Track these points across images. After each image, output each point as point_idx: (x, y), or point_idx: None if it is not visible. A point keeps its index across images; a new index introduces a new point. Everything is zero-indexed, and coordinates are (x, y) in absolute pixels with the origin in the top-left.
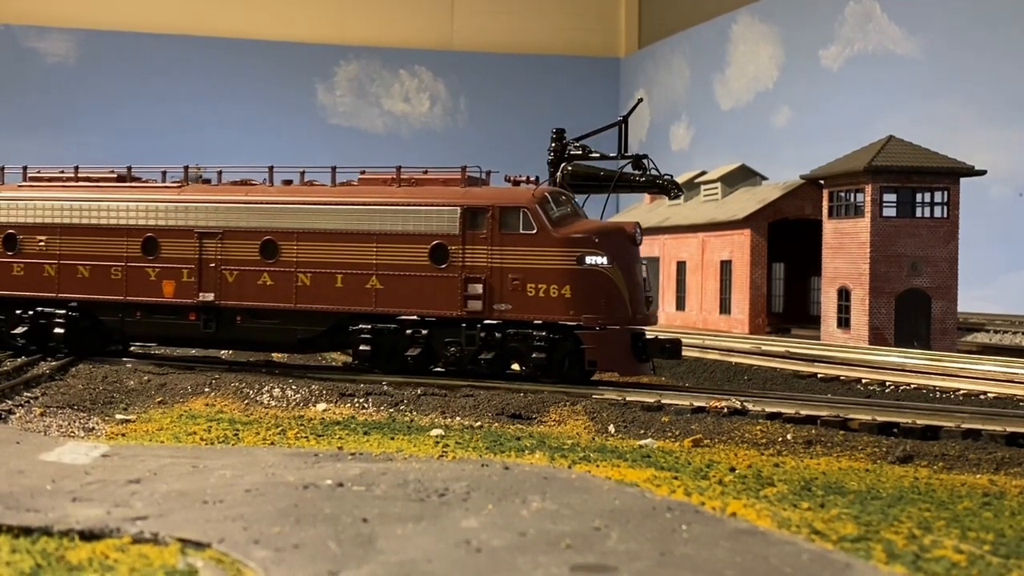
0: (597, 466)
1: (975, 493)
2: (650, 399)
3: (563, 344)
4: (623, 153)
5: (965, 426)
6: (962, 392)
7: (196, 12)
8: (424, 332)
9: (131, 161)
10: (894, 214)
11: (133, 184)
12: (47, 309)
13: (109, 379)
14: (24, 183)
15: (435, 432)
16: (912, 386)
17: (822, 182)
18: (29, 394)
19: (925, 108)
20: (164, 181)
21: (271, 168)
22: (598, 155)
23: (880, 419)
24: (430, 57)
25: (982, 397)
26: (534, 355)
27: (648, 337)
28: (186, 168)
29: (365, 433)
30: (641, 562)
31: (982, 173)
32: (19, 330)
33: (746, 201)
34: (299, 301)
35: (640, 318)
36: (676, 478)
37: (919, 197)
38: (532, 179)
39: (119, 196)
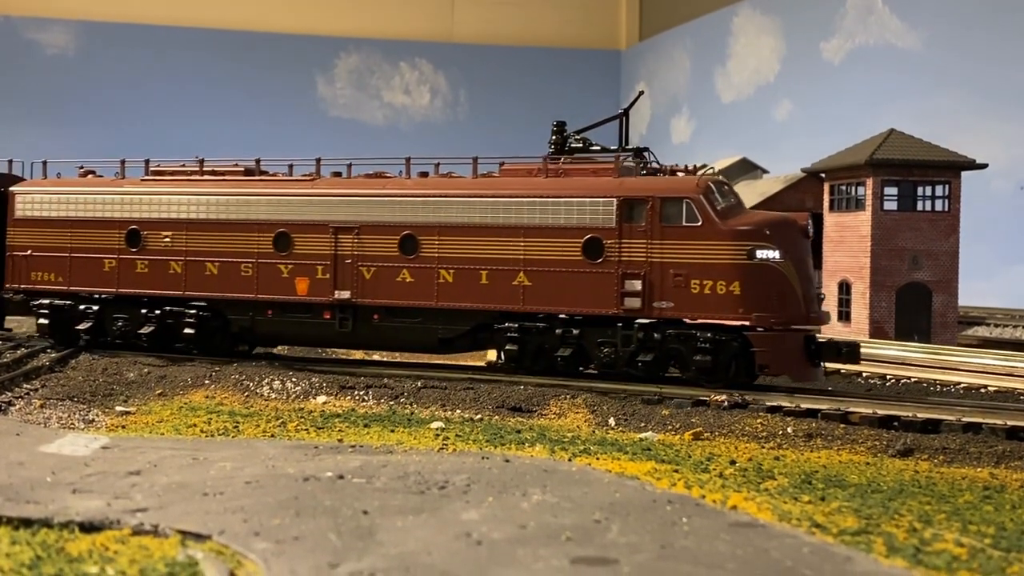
0: (597, 459)
1: (976, 486)
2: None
3: (729, 346)
4: (624, 146)
5: (966, 420)
6: (963, 386)
7: (196, 4)
8: (575, 332)
9: (130, 153)
10: (895, 207)
11: (262, 177)
12: (174, 308)
13: (109, 371)
14: (147, 177)
15: (435, 425)
16: (912, 380)
17: (823, 175)
18: (29, 386)
19: (926, 101)
20: (291, 174)
21: (408, 159)
22: (599, 148)
23: (881, 412)
24: (430, 49)
25: (983, 391)
26: (697, 357)
27: (821, 339)
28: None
29: (365, 426)
30: (642, 555)
31: (983, 167)
32: (145, 330)
33: (747, 194)
34: (441, 299)
35: (813, 317)
36: (677, 471)
37: (920, 191)
38: (692, 168)
39: (249, 190)
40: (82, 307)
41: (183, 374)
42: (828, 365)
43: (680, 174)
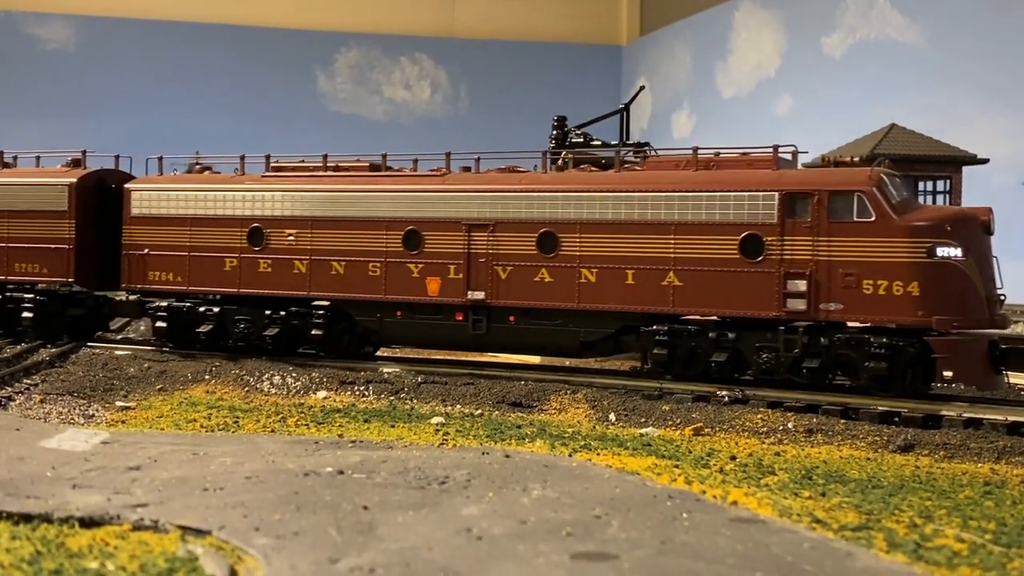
0: (598, 454)
1: (976, 482)
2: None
3: (906, 352)
4: (625, 141)
5: (966, 415)
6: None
7: None
8: (731, 335)
9: (130, 149)
10: None
11: (389, 173)
12: (300, 309)
13: (109, 366)
14: (268, 173)
15: (436, 420)
16: None
17: None
18: (29, 381)
19: (927, 96)
20: (416, 169)
21: (545, 153)
22: (600, 143)
23: (881, 408)
24: (431, 44)
25: None
26: (871, 364)
27: (1004, 344)
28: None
29: (365, 421)
30: (642, 550)
31: (984, 162)
32: (270, 332)
33: None
34: (583, 300)
35: (997, 320)
36: (677, 466)
37: (921, 185)
38: (858, 159)
39: (376, 186)
40: (202, 309)
41: (183, 369)
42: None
43: (844, 166)
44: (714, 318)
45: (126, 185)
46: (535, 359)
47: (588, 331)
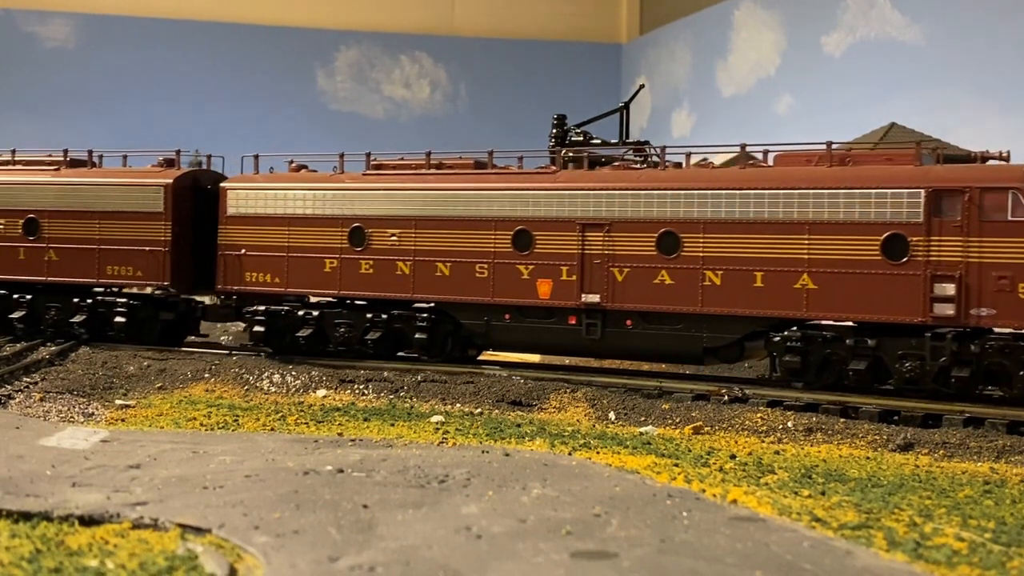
0: (598, 453)
1: (976, 481)
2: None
3: None
4: (625, 139)
5: (967, 414)
6: None
7: None
8: (870, 342)
9: (129, 146)
10: None
11: (496, 170)
12: (403, 312)
13: (108, 364)
14: (369, 172)
15: (435, 419)
16: None
17: None
18: (29, 379)
19: (928, 95)
20: (521, 166)
21: (663, 148)
22: (600, 141)
23: (881, 407)
24: (431, 43)
25: None
26: None
27: None
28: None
29: (365, 419)
30: (641, 549)
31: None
32: (372, 336)
33: None
34: (706, 304)
35: None
36: (677, 465)
37: None
38: (1004, 154)
39: (483, 184)
40: (301, 312)
41: (183, 368)
42: None
43: (992, 161)
44: (850, 323)
45: (222, 184)
46: (535, 357)
47: (712, 336)
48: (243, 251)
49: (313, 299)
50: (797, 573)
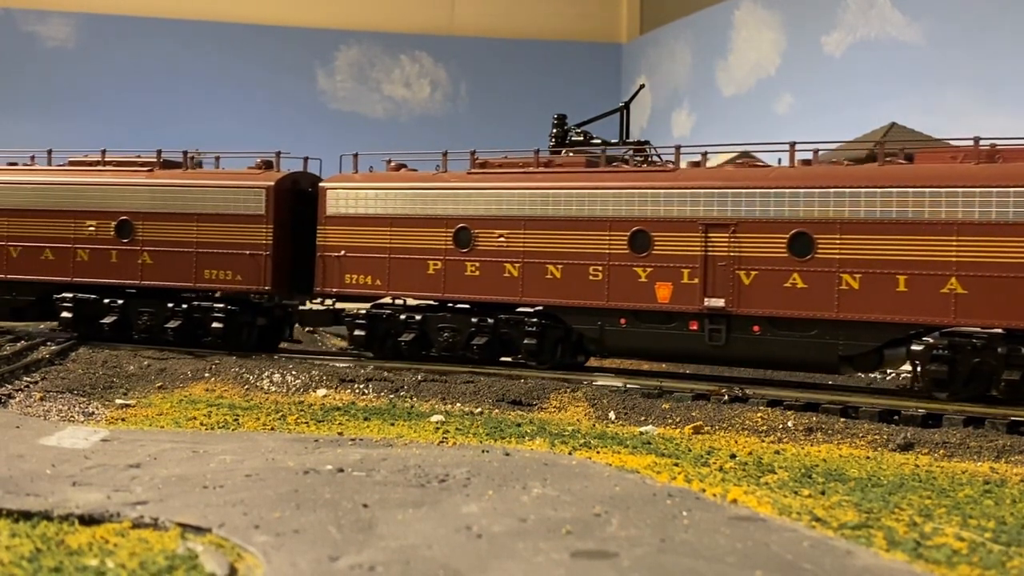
0: (598, 452)
1: (976, 481)
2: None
3: None
4: (625, 139)
5: (967, 414)
6: None
7: None
8: None
9: (129, 146)
10: None
11: (611, 168)
12: (510, 316)
13: (109, 364)
14: (474, 170)
15: (435, 418)
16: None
17: None
18: (29, 378)
19: (928, 95)
20: (630, 163)
21: (793, 144)
22: (600, 141)
23: (881, 406)
24: (431, 42)
25: None
26: None
27: None
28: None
29: (365, 419)
30: (641, 548)
31: None
32: (478, 341)
33: None
34: (843, 309)
35: None
36: (677, 465)
37: None
38: None
39: (597, 182)
40: (403, 316)
41: (183, 367)
42: None
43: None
44: (999, 330)
45: (321, 183)
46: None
47: (849, 344)
48: (343, 252)
49: (411, 302)
50: (797, 573)
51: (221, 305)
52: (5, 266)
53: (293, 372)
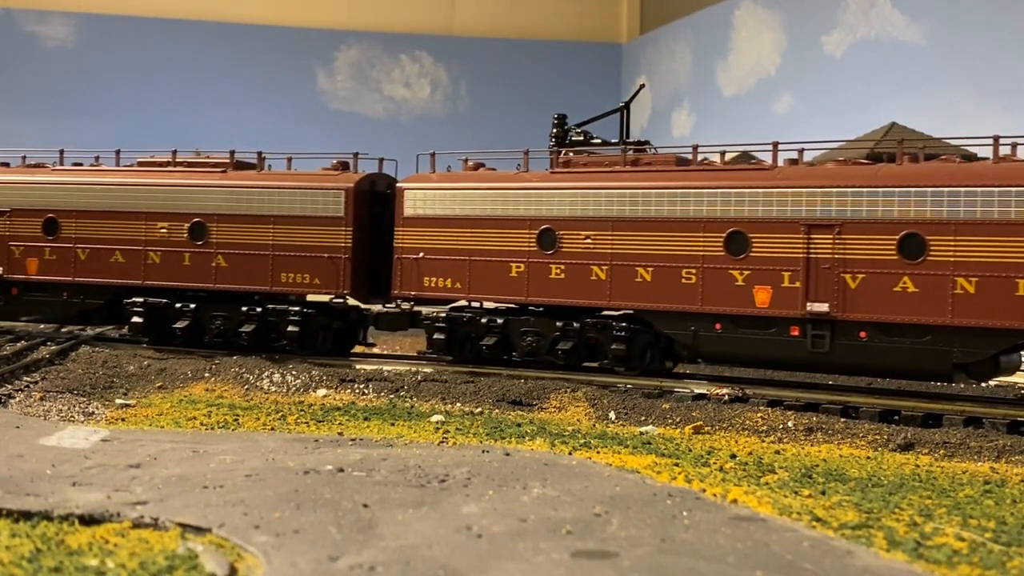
0: (598, 453)
1: (976, 481)
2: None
3: None
4: (625, 139)
5: (967, 414)
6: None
7: None
8: None
9: (130, 146)
10: None
11: (702, 167)
12: (596, 320)
13: (109, 364)
14: (557, 169)
15: (435, 418)
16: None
17: None
18: (29, 378)
19: (928, 95)
20: (723, 162)
21: (901, 141)
22: (600, 141)
23: (881, 406)
24: (431, 42)
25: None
26: None
27: None
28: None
29: (365, 419)
30: (642, 548)
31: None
32: (563, 346)
33: None
34: (958, 314)
35: None
36: (677, 465)
37: None
38: None
39: (689, 182)
40: (484, 320)
41: (183, 367)
42: None
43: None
44: None
45: (398, 184)
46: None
47: (964, 351)
48: (421, 254)
49: (487, 304)
50: (797, 573)
51: (297, 308)
52: (73, 268)
53: (293, 372)
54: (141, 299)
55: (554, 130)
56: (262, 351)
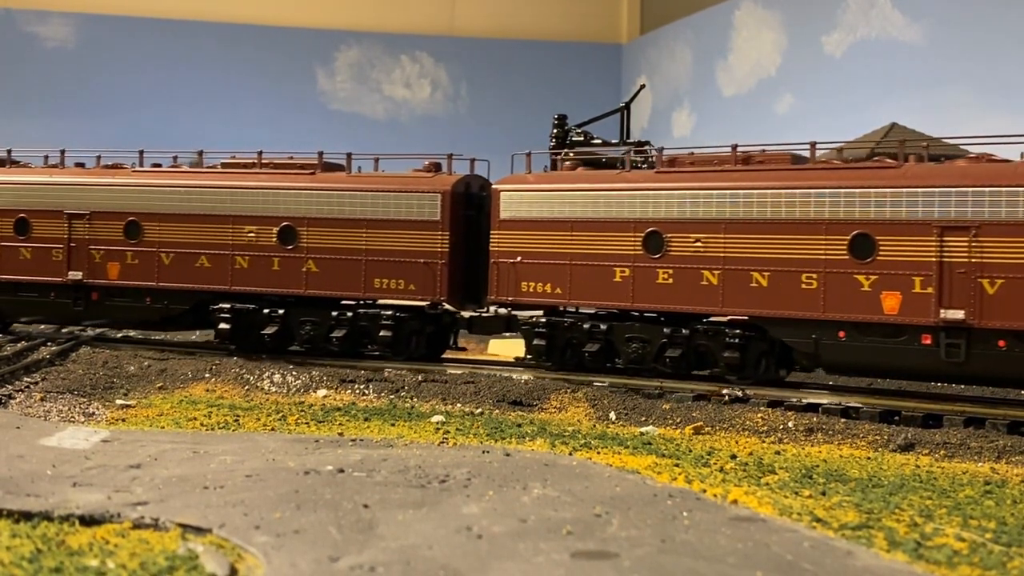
0: (598, 453)
1: (977, 481)
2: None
3: None
4: (625, 139)
5: (967, 414)
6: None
7: None
8: None
9: (128, 145)
10: None
11: (823, 165)
12: (707, 328)
13: (109, 364)
14: (663, 169)
15: (436, 419)
16: None
17: None
18: (29, 379)
19: (928, 95)
20: (841, 158)
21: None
22: (600, 141)
23: (882, 407)
24: (431, 43)
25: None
26: None
27: None
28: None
29: (366, 419)
30: (642, 549)
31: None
32: (672, 354)
33: None
34: None
35: None
36: (677, 465)
37: None
38: None
39: (809, 182)
40: (586, 325)
41: (183, 367)
42: None
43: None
44: None
45: (494, 185)
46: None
47: None
48: (518, 258)
49: (585, 309)
50: (798, 573)
51: (390, 313)
52: (156, 273)
53: (293, 372)
54: (228, 305)
55: (554, 130)
56: (352, 357)
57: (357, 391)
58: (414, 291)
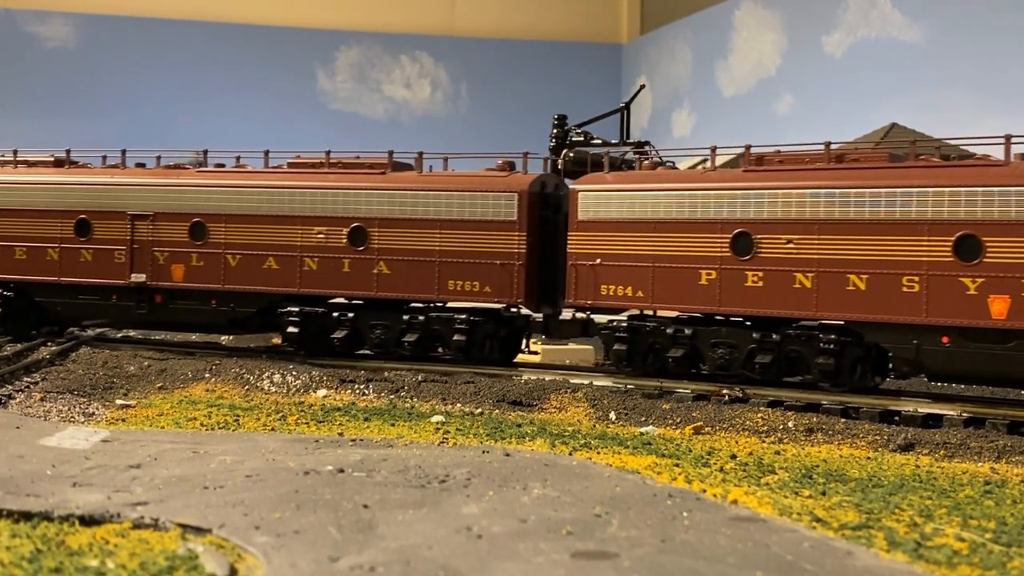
0: (598, 453)
1: (976, 481)
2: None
3: None
4: (625, 139)
5: (967, 414)
6: None
7: None
8: None
9: (128, 146)
10: None
11: (922, 163)
12: (800, 333)
13: (109, 364)
14: (751, 168)
15: (436, 419)
16: None
17: None
18: (29, 379)
19: (928, 95)
20: (940, 154)
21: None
22: (600, 141)
23: (881, 407)
24: (431, 43)
25: None
26: None
27: None
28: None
29: (366, 419)
30: (642, 549)
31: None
32: (762, 360)
33: None
34: None
35: None
36: (677, 465)
37: None
38: None
39: (907, 180)
40: (669, 330)
41: (183, 367)
42: None
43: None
44: None
45: (572, 185)
46: (535, 356)
47: None
48: (597, 260)
49: (663, 313)
50: (798, 573)
51: (464, 316)
52: (223, 276)
53: (294, 373)
54: (296, 308)
55: (554, 131)
56: (423, 362)
57: (357, 391)
58: (490, 293)
